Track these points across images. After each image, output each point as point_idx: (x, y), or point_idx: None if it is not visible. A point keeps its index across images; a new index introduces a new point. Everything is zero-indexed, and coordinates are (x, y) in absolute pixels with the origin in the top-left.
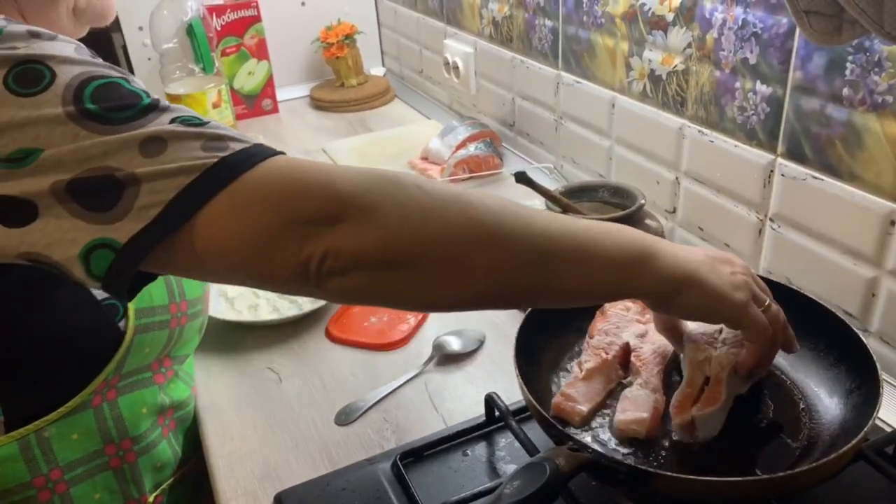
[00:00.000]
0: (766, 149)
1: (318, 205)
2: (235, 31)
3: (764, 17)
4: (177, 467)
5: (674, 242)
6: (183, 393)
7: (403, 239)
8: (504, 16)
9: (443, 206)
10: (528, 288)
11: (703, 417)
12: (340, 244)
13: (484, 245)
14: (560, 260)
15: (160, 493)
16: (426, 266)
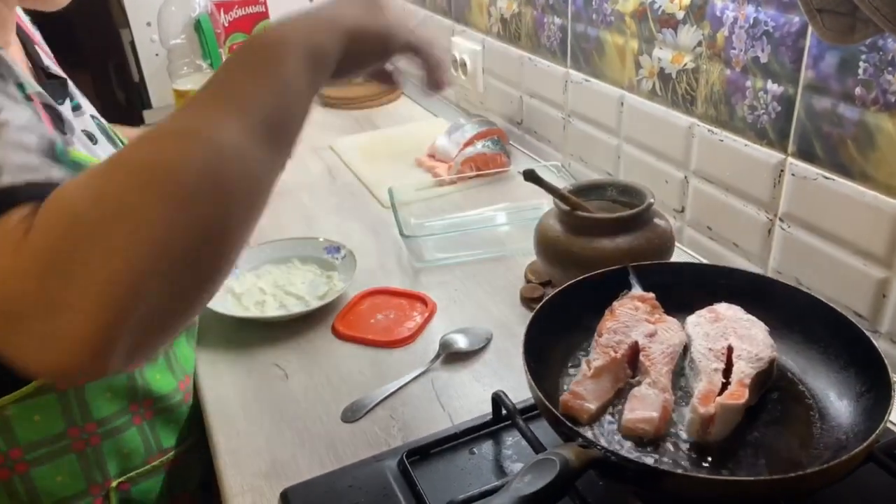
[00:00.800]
0: (777, 148)
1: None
2: (243, 28)
3: (776, 15)
4: (148, 457)
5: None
6: (166, 384)
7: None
8: (512, 13)
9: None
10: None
11: (726, 411)
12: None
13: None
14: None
15: (126, 480)
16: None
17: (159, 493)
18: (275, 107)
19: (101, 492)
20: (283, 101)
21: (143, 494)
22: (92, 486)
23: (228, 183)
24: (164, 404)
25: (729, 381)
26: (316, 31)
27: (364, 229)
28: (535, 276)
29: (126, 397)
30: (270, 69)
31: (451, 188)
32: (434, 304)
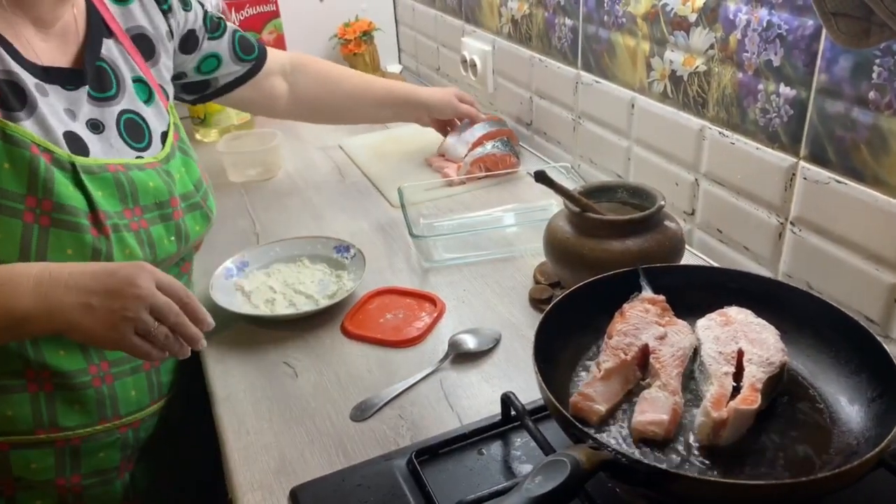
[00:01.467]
0: (789, 152)
1: None
2: (254, 27)
3: (789, 18)
4: (37, 429)
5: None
6: (70, 363)
7: None
8: (523, 14)
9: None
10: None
11: (739, 416)
12: None
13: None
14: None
15: (5, 442)
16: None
17: (45, 467)
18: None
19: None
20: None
21: (23, 462)
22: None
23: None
24: (66, 381)
25: (739, 384)
26: (44, 317)
27: (373, 229)
28: (543, 278)
29: (18, 361)
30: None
31: (460, 188)
32: (443, 305)
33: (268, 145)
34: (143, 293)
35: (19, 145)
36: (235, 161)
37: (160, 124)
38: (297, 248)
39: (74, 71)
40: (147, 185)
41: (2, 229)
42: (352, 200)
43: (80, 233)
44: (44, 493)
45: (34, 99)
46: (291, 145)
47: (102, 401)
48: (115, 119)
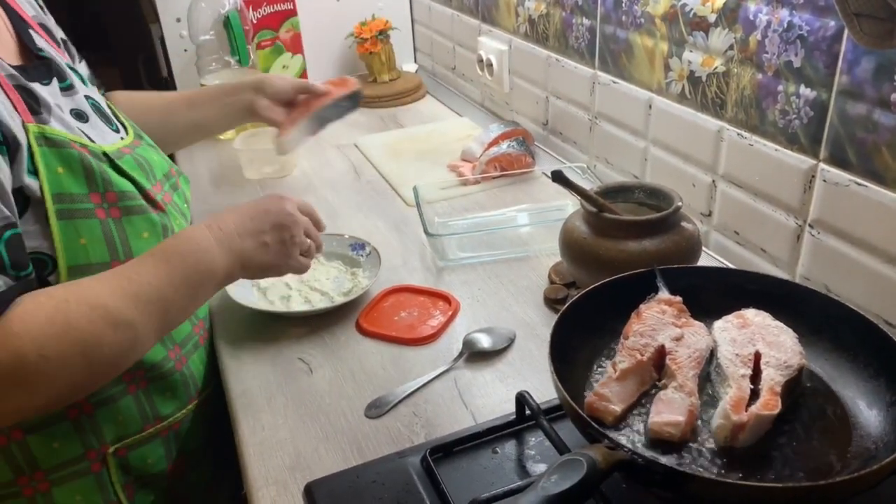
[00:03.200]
0: (808, 153)
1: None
2: (271, 25)
3: (811, 19)
4: (145, 425)
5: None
6: (154, 354)
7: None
8: (540, 14)
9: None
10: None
11: (759, 420)
12: None
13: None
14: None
15: (122, 447)
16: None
17: (157, 459)
18: (185, 316)
19: (98, 457)
20: (192, 311)
21: (140, 460)
22: (89, 452)
23: (127, 363)
24: (156, 373)
25: (756, 387)
26: (237, 267)
27: (388, 227)
28: (558, 277)
29: None
30: (198, 287)
31: (475, 188)
32: (457, 303)
33: None
34: (298, 219)
35: (64, 146)
36: (252, 158)
37: (104, 105)
38: None
39: (38, 65)
40: (154, 160)
41: (85, 234)
42: (367, 199)
43: (146, 214)
44: (156, 485)
45: (45, 98)
46: (307, 143)
47: (186, 382)
48: (87, 105)
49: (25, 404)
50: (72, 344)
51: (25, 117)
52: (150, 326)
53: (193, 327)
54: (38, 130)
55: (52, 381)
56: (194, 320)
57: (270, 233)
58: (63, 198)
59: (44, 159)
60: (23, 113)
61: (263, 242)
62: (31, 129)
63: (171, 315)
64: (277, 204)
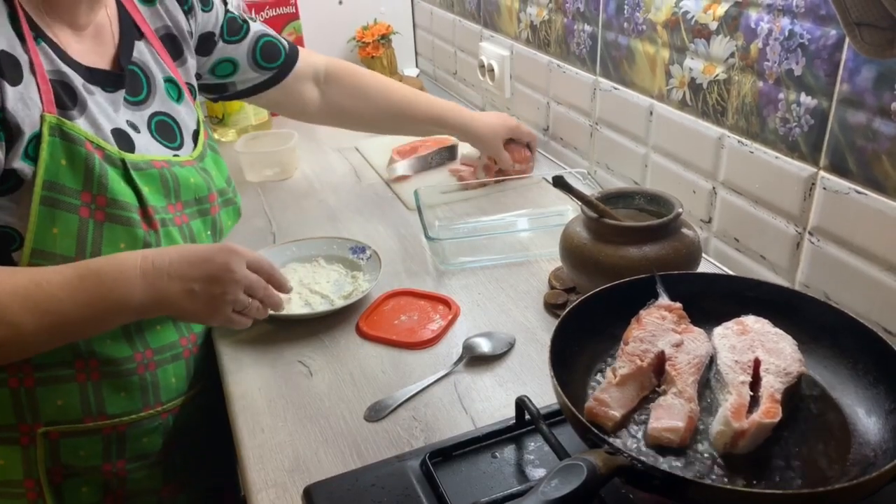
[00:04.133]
0: (809, 161)
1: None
2: (274, 28)
3: (812, 28)
4: (85, 417)
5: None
6: (117, 350)
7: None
8: (542, 20)
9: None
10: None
11: (760, 428)
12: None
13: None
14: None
15: (55, 431)
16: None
17: (92, 454)
18: (82, 335)
19: (29, 432)
20: (91, 334)
21: (71, 450)
22: (20, 425)
23: (5, 359)
24: (113, 368)
25: (756, 394)
26: (155, 305)
27: (388, 230)
28: (559, 283)
29: (73, 353)
30: (101, 311)
31: (476, 192)
32: (457, 307)
33: (285, 146)
34: (238, 277)
35: (76, 142)
36: (253, 161)
37: (191, 123)
38: (314, 248)
39: (113, 74)
40: (188, 181)
41: (60, 224)
42: (368, 202)
43: (132, 227)
44: (90, 479)
45: (84, 98)
46: (308, 146)
47: (146, 387)
48: (146, 122)
49: None
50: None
51: (48, 108)
52: (40, 334)
53: (180, 338)
54: (56, 122)
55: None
56: (184, 331)
57: (201, 282)
58: (54, 186)
59: (50, 148)
60: (47, 104)
61: (191, 290)
62: (48, 119)
63: (65, 330)
64: (223, 257)
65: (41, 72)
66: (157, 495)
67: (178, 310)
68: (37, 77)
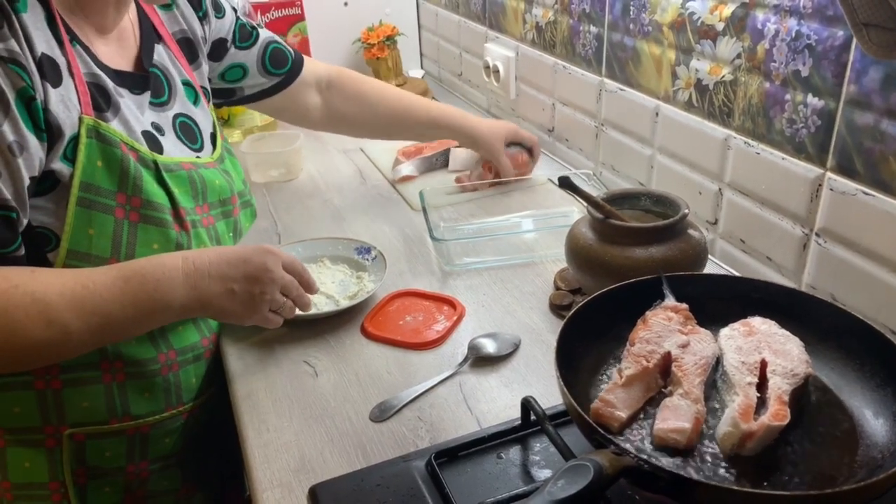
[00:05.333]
0: (815, 162)
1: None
2: (279, 29)
3: (819, 28)
4: (111, 419)
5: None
6: (141, 351)
7: None
8: (548, 21)
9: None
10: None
11: (769, 430)
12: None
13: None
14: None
15: (81, 433)
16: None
17: (116, 455)
18: (126, 336)
19: (55, 434)
20: (135, 334)
21: (97, 452)
22: (46, 427)
23: (52, 360)
24: (137, 370)
25: (762, 396)
26: (197, 305)
27: (393, 231)
28: (564, 284)
29: (94, 353)
30: (147, 311)
31: (481, 193)
32: (463, 308)
33: (290, 147)
34: (276, 277)
35: (112, 144)
36: (258, 162)
37: (207, 125)
38: (319, 249)
39: (139, 76)
40: (214, 183)
41: (96, 225)
42: (373, 203)
43: (165, 228)
44: (113, 480)
45: (116, 100)
46: (313, 147)
47: (169, 388)
48: (171, 123)
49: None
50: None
51: (86, 110)
52: (87, 335)
53: (202, 339)
54: (93, 124)
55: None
56: (206, 332)
57: (241, 282)
58: (90, 188)
59: (87, 150)
60: (84, 106)
61: (231, 290)
62: (86, 121)
63: (111, 331)
64: (260, 257)
65: (78, 74)
66: (174, 496)
67: (218, 309)
68: (75, 79)
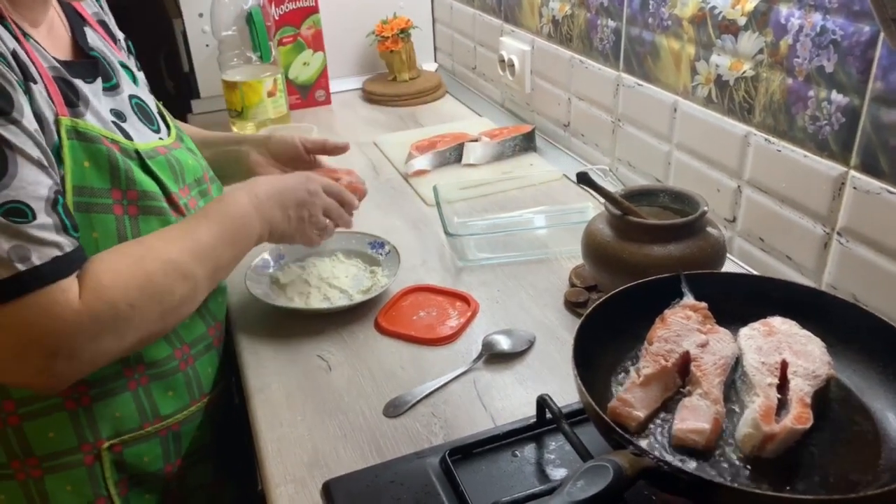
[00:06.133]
0: (839, 160)
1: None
2: (293, 21)
3: (845, 24)
4: (143, 423)
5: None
6: (159, 351)
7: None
8: (565, 14)
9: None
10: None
11: (791, 433)
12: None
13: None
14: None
15: (118, 443)
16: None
17: (154, 458)
18: (229, 269)
19: (93, 451)
20: (234, 266)
21: (136, 458)
22: (83, 445)
23: (188, 312)
24: (158, 370)
25: (783, 397)
26: (266, 230)
27: (406, 226)
28: (579, 280)
29: (120, 361)
30: (241, 246)
31: (494, 188)
32: (477, 304)
33: None
34: (317, 201)
35: (93, 140)
36: None
37: (153, 106)
38: (332, 243)
39: (86, 63)
40: (188, 164)
41: (98, 227)
42: (386, 197)
43: (164, 216)
44: (152, 486)
45: (84, 92)
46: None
47: (189, 382)
48: (128, 107)
49: (114, 349)
50: (151, 295)
51: (60, 110)
52: (206, 278)
53: (208, 328)
54: (71, 124)
55: (136, 328)
56: (210, 321)
57: (293, 207)
58: (83, 191)
59: (71, 152)
60: (59, 105)
61: (287, 214)
62: (64, 123)
63: (220, 268)
64: (305, 184)
65: (43, 70)
66: (206, 491)
67: (279, 233)
68: (42, 77)
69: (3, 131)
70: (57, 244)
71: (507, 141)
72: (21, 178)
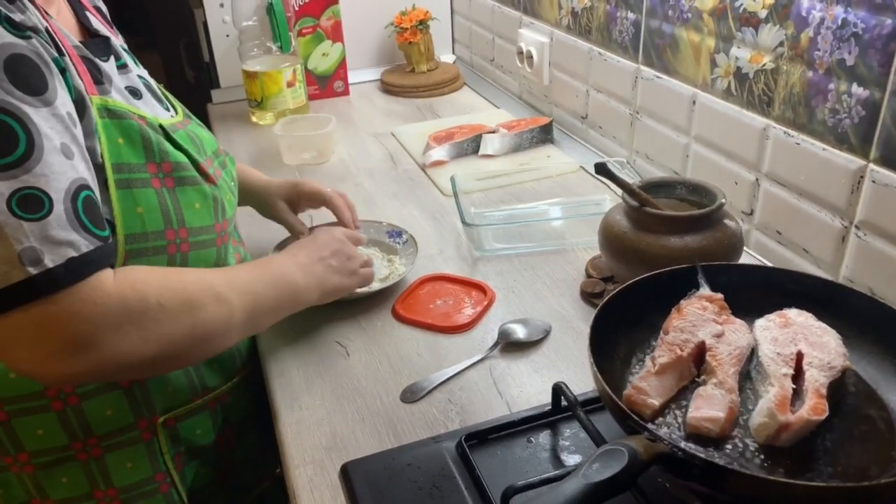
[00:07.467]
0: (858, 154)
1: (62, 349)
2: (312, 12)
3: (866, 17)
4: (193, 396)
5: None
6: None
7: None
8: (584, 7)
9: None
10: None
11: (806, 424)
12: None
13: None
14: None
15: (172, 417)
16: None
17: (205, 431)
18: (270, 319)
19: (149, 426)
20: (275, 318)
21: (189, 431)
22: (140, 421)
23: (217, 343)
24: None
25: (798, 387)
26: (316, 290)
27: (424, 215)
28: (596, 271)
29: None
30: (282, 290)
31: (512, 179)
32: (493, 294)
33: (322, 130)
34: (346, 243)
35: (124, 117)
36: (291, 144)
37: (155, 87)
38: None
39: (99, 41)
40: (204, 137)
41: (143, 202)
42: (403, 187)
43: (199, 185)
44: (206, 459)
45: (107, 70)
46: (345, 131)
47: (232, 354)
48: (140, 84)
49: (137, 349)
50: (182, 301)
51: (89, 89)
52: (242, 310)
53: None
54: (101, 102)
55: (162, 333)
56: None
57: (333, 257)
58: (122, 167)
59: (105, 131)
60: (87, 84)
61: (329, 265)
62: (95, 102)
63: (258, 310)
64: (325, 235)
65: (70, 49)
66: (253, 464)
67: (332, 286)
68: (69, 55)
69: (33, 114)
70: (71, 243)
71: (524, 132)
72: (45, 163)
